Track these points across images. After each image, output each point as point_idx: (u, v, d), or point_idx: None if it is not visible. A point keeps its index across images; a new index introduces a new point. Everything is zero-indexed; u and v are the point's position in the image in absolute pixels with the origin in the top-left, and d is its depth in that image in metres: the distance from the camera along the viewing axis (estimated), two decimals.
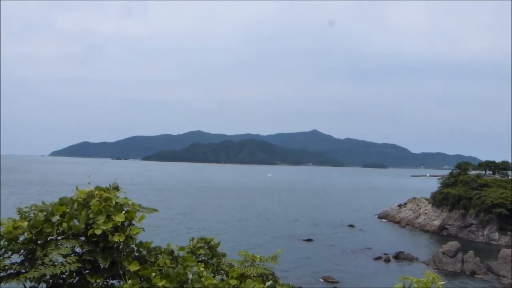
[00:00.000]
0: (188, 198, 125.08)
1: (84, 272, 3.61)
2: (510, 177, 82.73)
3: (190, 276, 3.67)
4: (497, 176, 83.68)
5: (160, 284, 3.48)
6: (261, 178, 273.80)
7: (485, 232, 71.71)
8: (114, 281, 3.73)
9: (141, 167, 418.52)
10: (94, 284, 3.55)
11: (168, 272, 3.57)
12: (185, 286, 3.62)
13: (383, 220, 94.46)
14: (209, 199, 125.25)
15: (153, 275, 3.60)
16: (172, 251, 4.30)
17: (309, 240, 67.36)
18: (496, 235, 70.53)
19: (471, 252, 52.63)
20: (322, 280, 45.38)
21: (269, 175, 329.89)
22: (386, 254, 58.15)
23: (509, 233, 69.73)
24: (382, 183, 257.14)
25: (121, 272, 3.60)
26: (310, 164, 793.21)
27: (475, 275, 49.63)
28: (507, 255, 50.58)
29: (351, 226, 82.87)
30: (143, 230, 3.88)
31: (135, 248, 3.93)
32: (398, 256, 57.03)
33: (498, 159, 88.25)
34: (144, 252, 4.01)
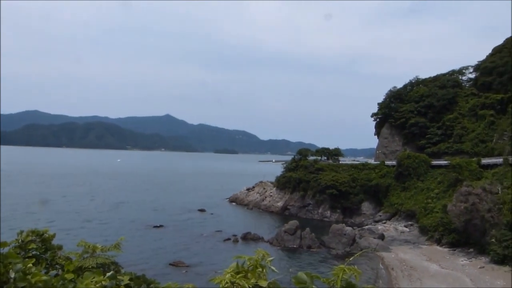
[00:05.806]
0: (21, 187, 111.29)
1: None
2: (340, 162, 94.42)
3: (13, 275, 3.12)
4: (330, 161, 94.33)
5: None
6: (109, 164, 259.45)
7: (320, 211, 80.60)
8: None
9: None
10: None
11: None
12: (5, 286, 3.06)
13: (233, 203, 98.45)
14: (47, 187, 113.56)
15: None
16: None
17: (160, 226, 66.48)
18: (328, 213, 79.91)
19: (307, 229, 58.81)
20: (171, 265, 45.20)
21: (118, 160, 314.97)
22: (235, 235, 60.83)
23: (338, 210, 79.82)
24: (233, 168, 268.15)
25: None
26: (163, 149, 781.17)
27: (311, 249, 55.62)
28: (336, 229, 57.98)
29: (202, 210, 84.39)
30: None
31: None
32: (246, 237, 60.27)
33: (332, 147, 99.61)
34: None
